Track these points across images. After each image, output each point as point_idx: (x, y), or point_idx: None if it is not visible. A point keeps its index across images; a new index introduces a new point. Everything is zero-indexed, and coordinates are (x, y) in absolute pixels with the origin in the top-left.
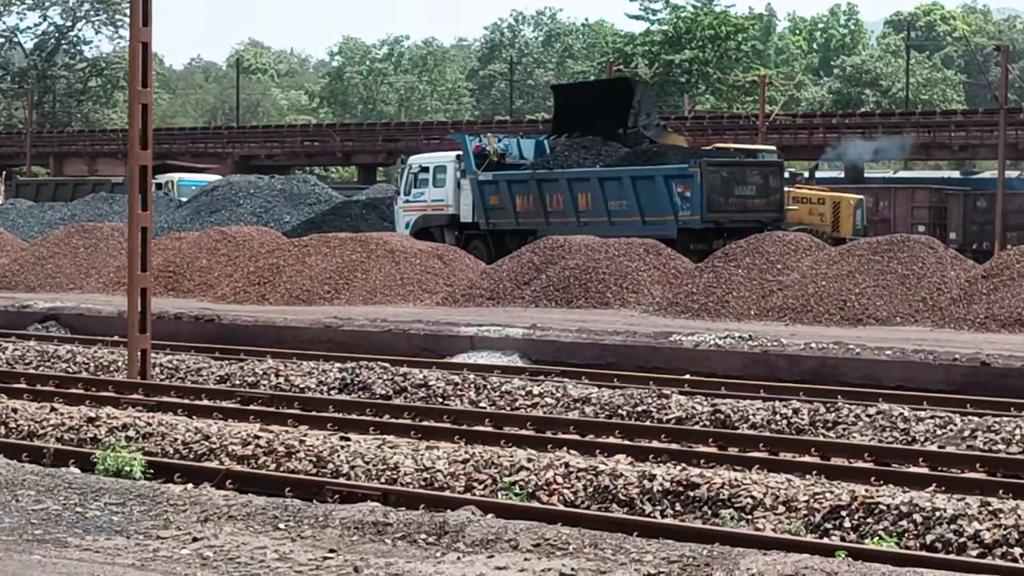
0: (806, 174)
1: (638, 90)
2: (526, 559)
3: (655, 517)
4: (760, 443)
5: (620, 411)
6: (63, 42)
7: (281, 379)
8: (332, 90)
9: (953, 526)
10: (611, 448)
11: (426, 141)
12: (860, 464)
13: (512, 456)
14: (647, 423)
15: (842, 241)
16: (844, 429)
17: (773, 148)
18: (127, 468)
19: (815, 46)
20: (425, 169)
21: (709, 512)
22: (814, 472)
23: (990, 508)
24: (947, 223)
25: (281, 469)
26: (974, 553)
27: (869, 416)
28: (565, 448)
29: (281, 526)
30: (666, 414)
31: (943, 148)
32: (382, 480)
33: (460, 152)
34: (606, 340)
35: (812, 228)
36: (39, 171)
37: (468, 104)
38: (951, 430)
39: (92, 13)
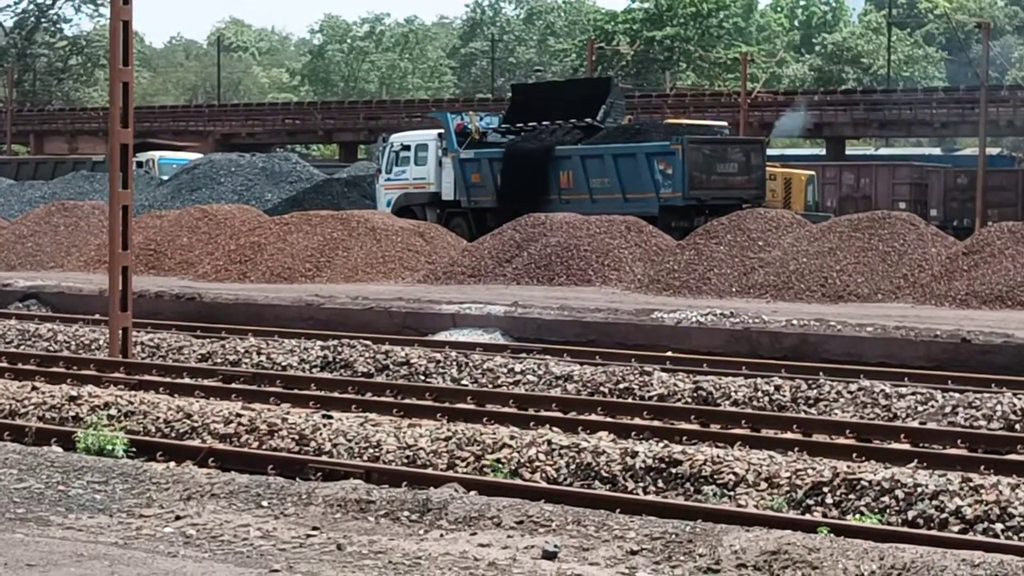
0: None
1: (614, 92)
2: (509, 536)
3: (637, 494)
4: (742, 420)
5: (602, 388)
6: (43, 20)
7: (263, 357)
8: (313, 68)
9: (935, 502)
10: (593, 425)
11: (407, 119)
12: (842, 440)
13: (494, 433)
14: (629, 400)
15: None
16: (826, 405)
17: (724, 124)
18: (109, 446)
19: (796, 23)
20: (407, 147)
21: (691, 489)
22: (796, 448)
23: (971, 484)
24: (928, 200)
25: (264, 447)
26: (956, 529)
27: (851, 392)
28: (547, 425)
29: (264, 504)
30: (648, 391)
31: (924, 125)
32: (365, 458)
33: (442, 130)
34: (588, 317)
35: (763, 204)
36: (19, 149)
37: (449, 82)
38: (932, 406)
39: None
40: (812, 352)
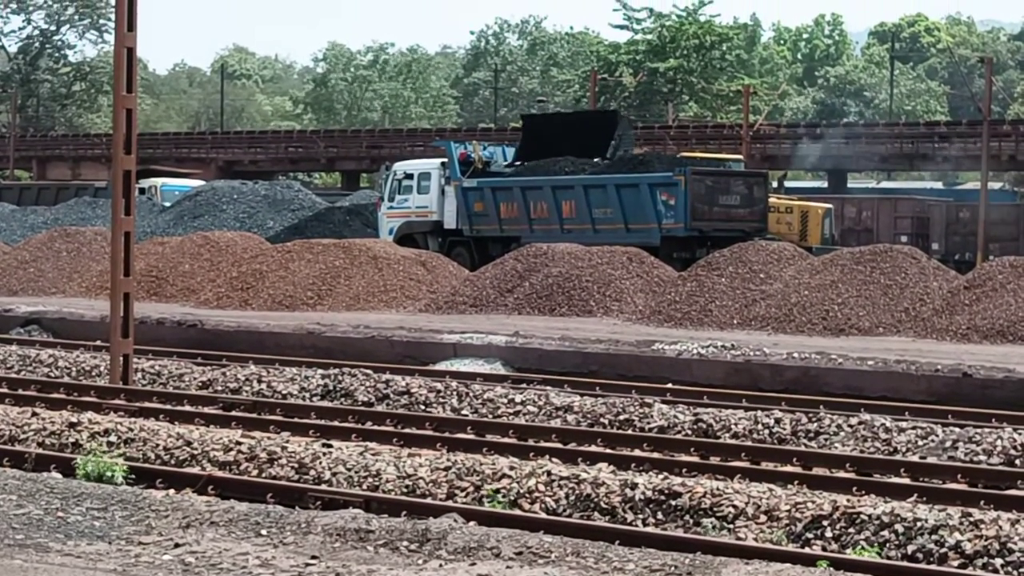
0: (775, 183)
1: (622, 124)
2: (508, 567)
3: (637, 526)
4: (742, 452)
5: (602, 419)
6: (47, 46)
7: (263, 385)
8: (316, 96)
9: (934, 536)
10: (593, 456)
11: (410, 148)
12: (842, 474)
13: (494, 464)
14: (629, 432)
15: (810, 251)
16: (826, 439)
17: (741, 157)
18: (109, 473)
19: (799, 56)
20: (410, 176)
21: (691, 521)
22: (796, 482)
23: (971, 519)
24: (929, 234)
25: (263, 475)
26: (955, 564)
27: (851, 426)
28: (547, 456)
29: (263, 532)
30: (648, 423)
31: (926, 159)
32: (364, 487)
33: (445, 159)
34: (589, 348)
35: (780, 237)
36: (22, 175)
37: (452, 111)
38: (933, 441)
39: (76, 18)
40: (813, 385)
